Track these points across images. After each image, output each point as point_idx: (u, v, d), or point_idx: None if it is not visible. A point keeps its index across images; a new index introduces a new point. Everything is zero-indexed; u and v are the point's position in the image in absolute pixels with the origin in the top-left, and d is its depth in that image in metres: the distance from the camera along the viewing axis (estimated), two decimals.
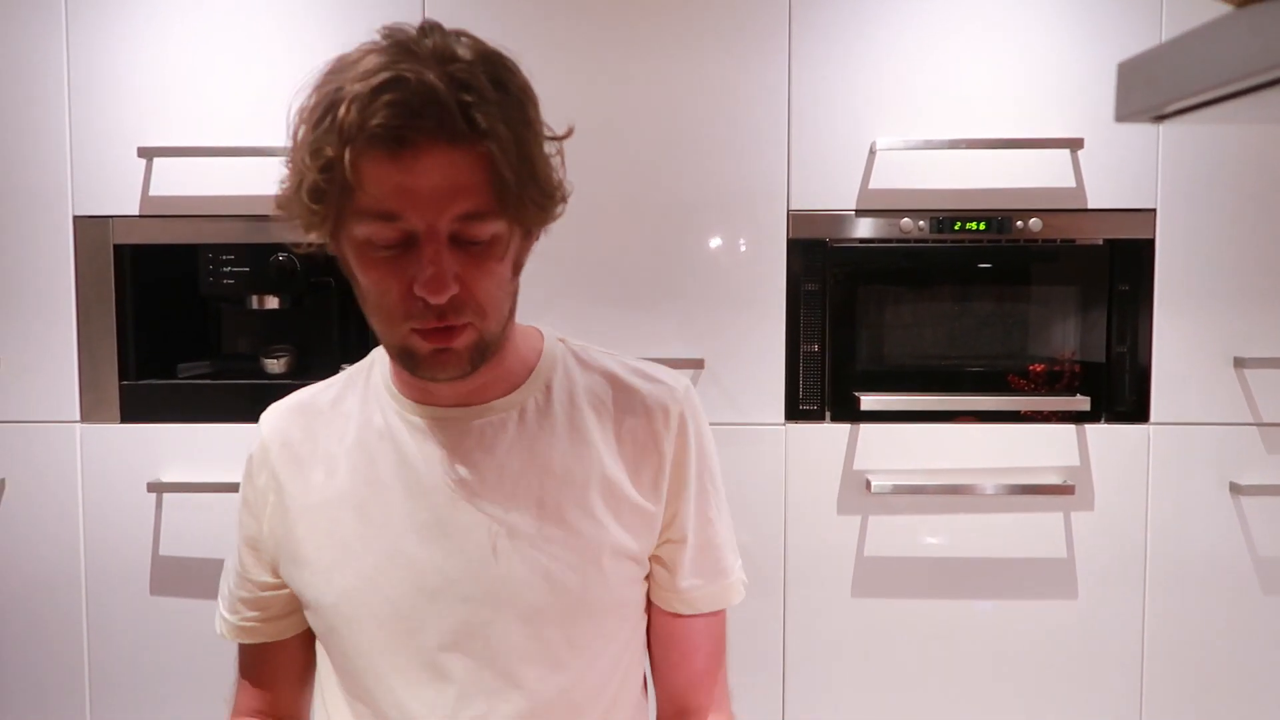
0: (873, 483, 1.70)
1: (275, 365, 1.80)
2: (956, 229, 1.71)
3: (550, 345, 0.92)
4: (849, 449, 1.73)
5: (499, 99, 0.72)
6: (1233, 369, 1.71)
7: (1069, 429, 1.73)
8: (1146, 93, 0.50)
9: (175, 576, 1.75)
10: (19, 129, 1.72)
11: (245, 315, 1.94)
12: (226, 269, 1.74)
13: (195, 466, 1.73)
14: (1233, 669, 1.74)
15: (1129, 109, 0.51)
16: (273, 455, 0.90)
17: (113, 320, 1.74)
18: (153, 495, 1.73)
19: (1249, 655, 1.74)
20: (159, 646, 1.76)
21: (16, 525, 1.75)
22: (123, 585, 1.75)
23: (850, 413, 1.72)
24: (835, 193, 1.72)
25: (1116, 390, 1.73)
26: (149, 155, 1.71)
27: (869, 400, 1.71)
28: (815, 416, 1.74)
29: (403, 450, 0.86)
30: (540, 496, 0.85)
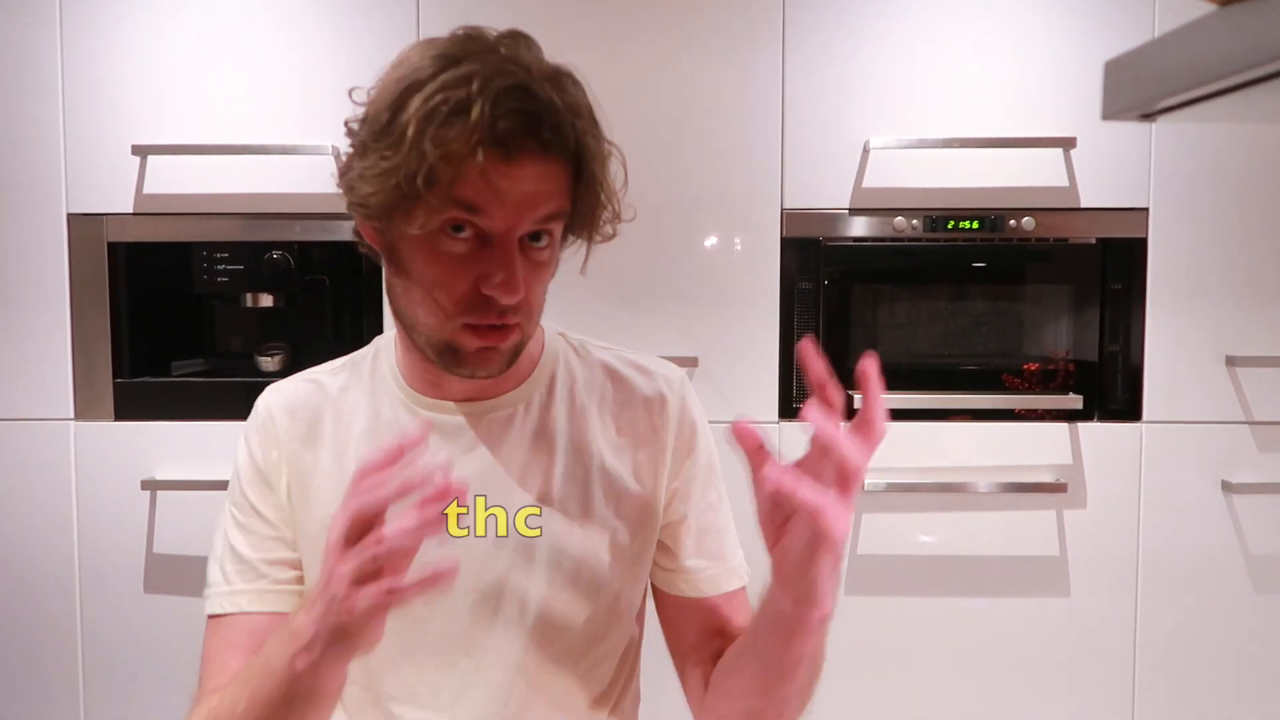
0: (866, 481, 1.70)
1: (269, 363, 1.80)
2: (950, 228, 1.72)
3: (552, 340, 0.94)
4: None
5: (589, 116, 0.78)
6: (1225, 367, 1.71)
7: (1062, 427, 1.73)
8: (1133, 91, 0.51)
9: (169, 574, 1.75)
10: (13, 126, 1.72)
11: (239, 313, 1.94)
12: (221, 267, 1.74)
13: (189, 464, 1.73)
14: (1224, 666, 1.75)
15: (1116, 107, 0.52)
16: (281, 432, 0.90)
17: (107, 318, 1.74)
18: (147, 493, 1.73)
19: (1241, 652, 1.75)
20: (153, 644, 1.76)
21: (10, 523, 1.75)
22: (117, 583, 1.75)
23: (844, 411, 1.72)
24: (829, 191, 1.72)
25: (1109, 389, 1.74)
26: (143, 153, 1.71)
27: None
28: None
29: None
30: (545, 488, 0.87)
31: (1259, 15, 0.42)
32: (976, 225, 1.72)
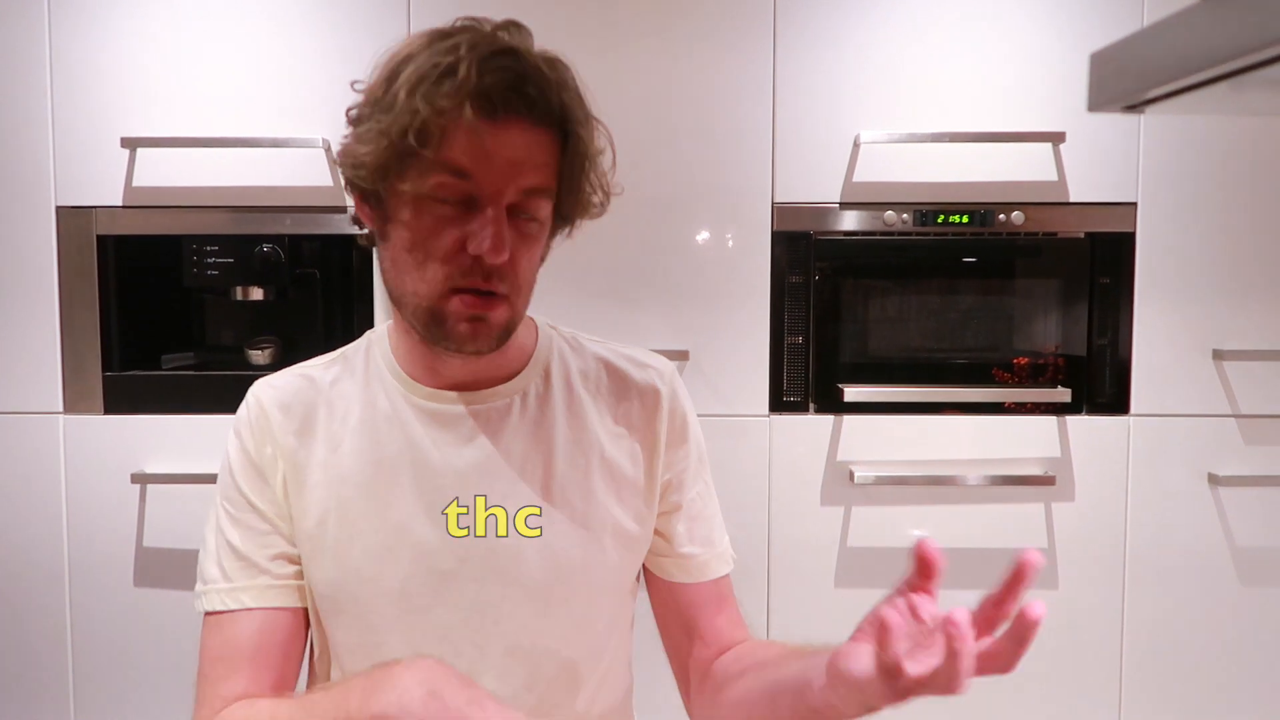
0: (856, 474, 1.71)
1: (260, 356, 1.80)
2: (940, 222, 1.72)
3: (545, 332, 0.96)
4: (832, 440, 1.74)
5: (578, 93, 0.81)
6: (1212, 361, 1.73)
7: (1050, 421, 1.74)
8: (1119, 82, 0.51)
9: (159, 568, 1.74)
10: (2, 120, 1.71)
11: (229, 306, 1.93)
12: (210, 260, 1.73)
13: (179, 458, 1.73)
14: (1210, 657, 1.76)
15: (1102, 98, 0.52)
16: (274, 425, 0.89)
17: (96, 311, 1.73)
18: (136, 486, 1.73)
19: (1226, 643, 1.76)
20: (143, 638, 1.75)
21: (0, 516, 1.75)
22: (106, 577, 1.75)
23: (834, 404, 1.74)
24: (820, 186, 1.73)
25: (1097, 382, 1.75)
26: (132, 145, 1.70)
27: (852, 392, 1.72)
28: (799, 408, 1.75)
29: (409, 433, 0.88)
30: (545, 478, 0.88)
31: (1242, 7, 0.42)
32: (966, 220, 1.73)
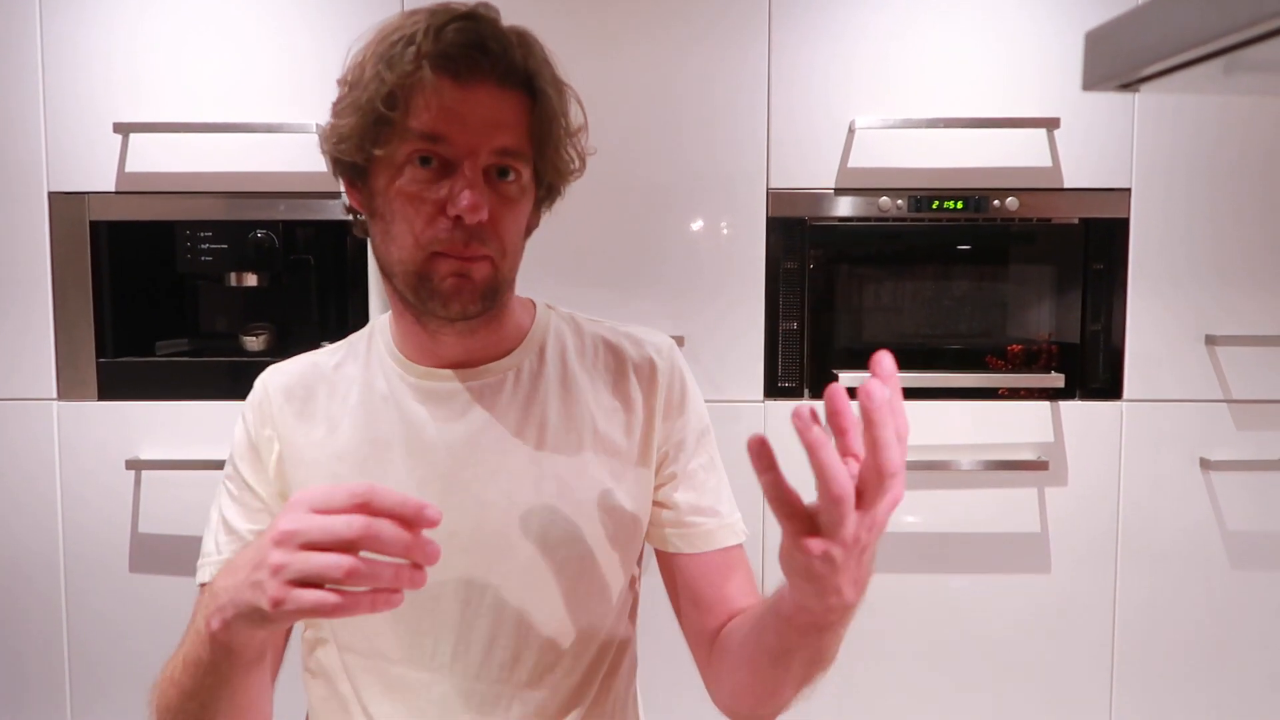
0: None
1: (254, 343, 1.80)
2: (934, 208, 1.73)
3: (542, 311, 0.98)
4: (828, 426, 1.74)
5: (545, 59, 0.83)
6: (1204, 346, 1.73)
7: (1044, 406, 1.75)
8: (1113, 60, 0.51)
9: (154, 554, 1.74)
10: None
11: (224, 293, 1.93)
12: (205, 246, 1.73)
13: (174, 444, 1.72)
14: (1202, 641, 1.78)
15: (1096, 77, 0.52)
16: (275, 408, 0.93)
17: (89, 297, 1.73)
18: (131, 473, 1.73)
19: (1218, 627, 1.77)
20: (138, 624, 1.76)
21: None
22: (101, 563, 1.75)
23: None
24: (814, 171, 1.73)
25: (1090, 367, 1.76)
26: (125, 131, 1.69)
27: (847, 377, 1.72)
28: (794, 393, 1.75)
29: (405, 410, 0.90)
30: (537, 453, 0.89)
31: None
32: (960, 205, 1.73)
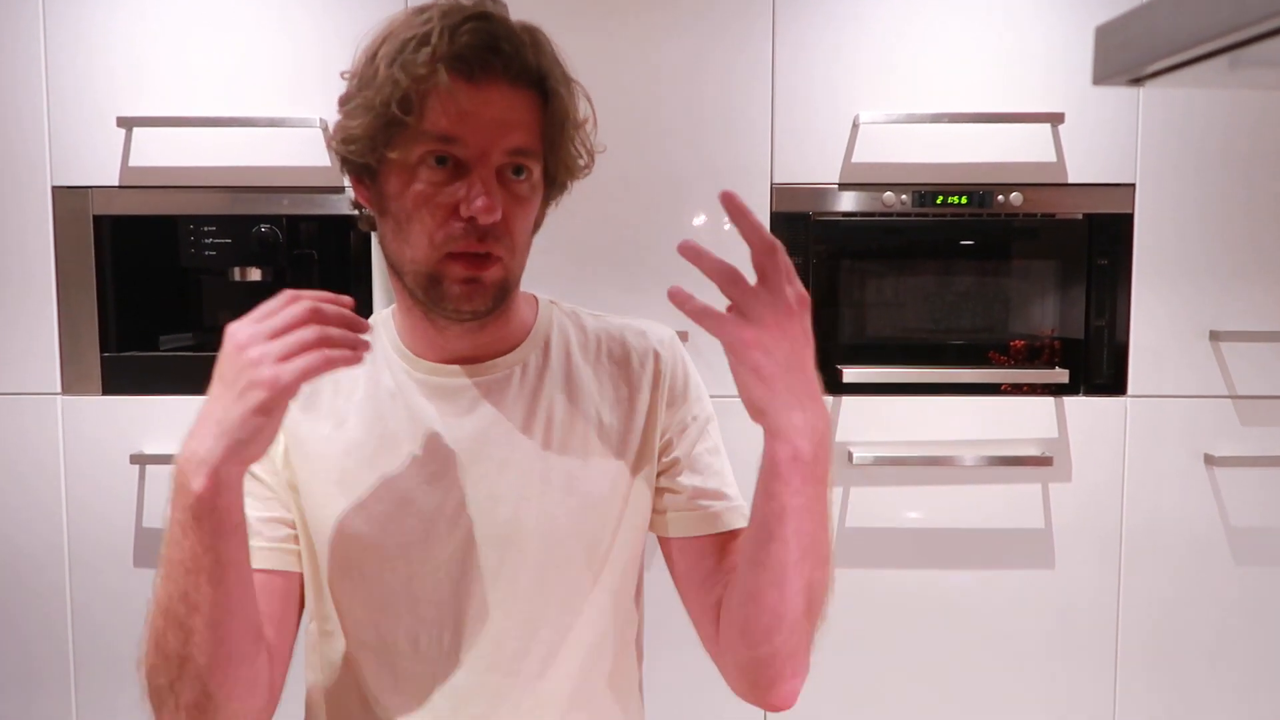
0: (854, 454, 1.72)
1: None
2: (938, 203, 1.72)
3: (545, 307, 0.99)
4: (831, 421, 1.74)
5: (555, 56, 0.84)
6: (1209, 342, 1.73)
7: (1047, 401, 1.75)
8: (1124, 55, 0.51)
9: (158, 548, 1.74)
10: None
11: (227, 287, 1.92)
12: (208, 241, 1.73)
13: (178, 438, 1.71)
14: (1205, 636, 1.78)
15: (1107, 71, 0.52)
16: None
17: (93, 292, 1.73)
18: (135, 467, 1.73)
19: (1221, 624, 1.77)
20: (143, 618, 1.75)
21: None
22: (106, 557, 1.75)
23: (832, 385, 1.74)
24: (818, 166, 1.72)
25: (1094, 363, 1.76)
26: (128, 125, 1.69)
27: (851, 373, 1.72)
28: None
29: (412, 406, 0.91)
30: (544, 447, 0.91)
31: None
32: (965, 201, 1.72)
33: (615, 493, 0.92)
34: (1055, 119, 1.69)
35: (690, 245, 0.76)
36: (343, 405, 0.92)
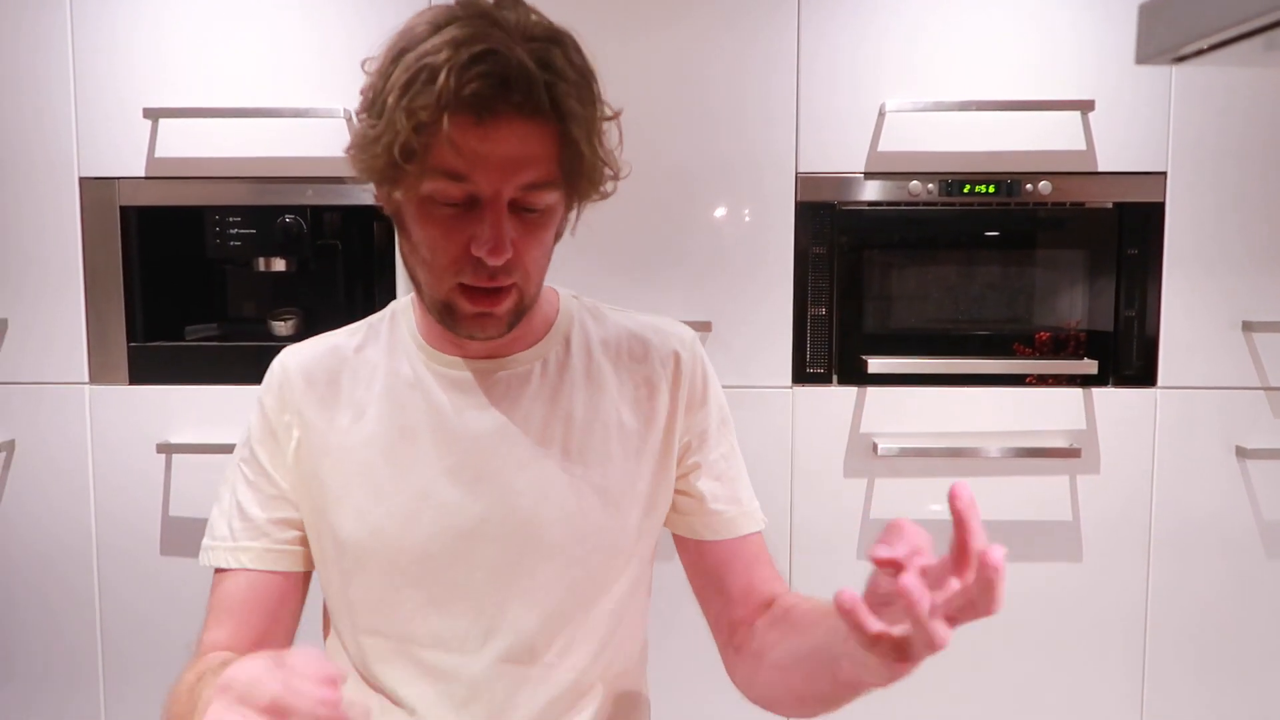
0: (879, 445, 1.71)
1: (282, 327, 1.80)
2: (965, 192, 1.70)
3: (567, 302, 0.98)
4: (856, 412, 1.73)
5: (575, 79, 0.77)
6: (1241, 333, 1.71)
7: (1076, 393, 1.73)
8: (1166, 34, 0.50)
9: (185, 537, 1.76)
10: (24, 89, 1.71)
11: (252, 277, 1.94)
12: (233, 231, 1.74)
13: (203, 428, 1.74)
14: (1236, 632, 1.75)
15: (1149, 51, 0.51)
16: (297, 393, 0.92)
17: (120, 282, 1.74)
18: (162, 456, 1.74)
19: (1252, 618, 1.75)
20: (169, 605, 1.77)
21: (27, 486, 1.77)
22: (133, 545, 1.77)
23: (857, 376, 1.73)
24: (844, 155, 1.71)
25: (1124, 354, 1.73)
26: (154, 116, 1.70)
27: (876, 363, 1.71)
28: (822, 379, 1.74)
29: (432, 399, 0.90)
30: (564, 443, 0.90)
31: None
32: (992, 189, 1.70)
33: (635, 491, 0.92)
34: (1085, 106, 1.67)
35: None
36: (362, 395, 0.92)
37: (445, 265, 0.80)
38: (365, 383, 0.92)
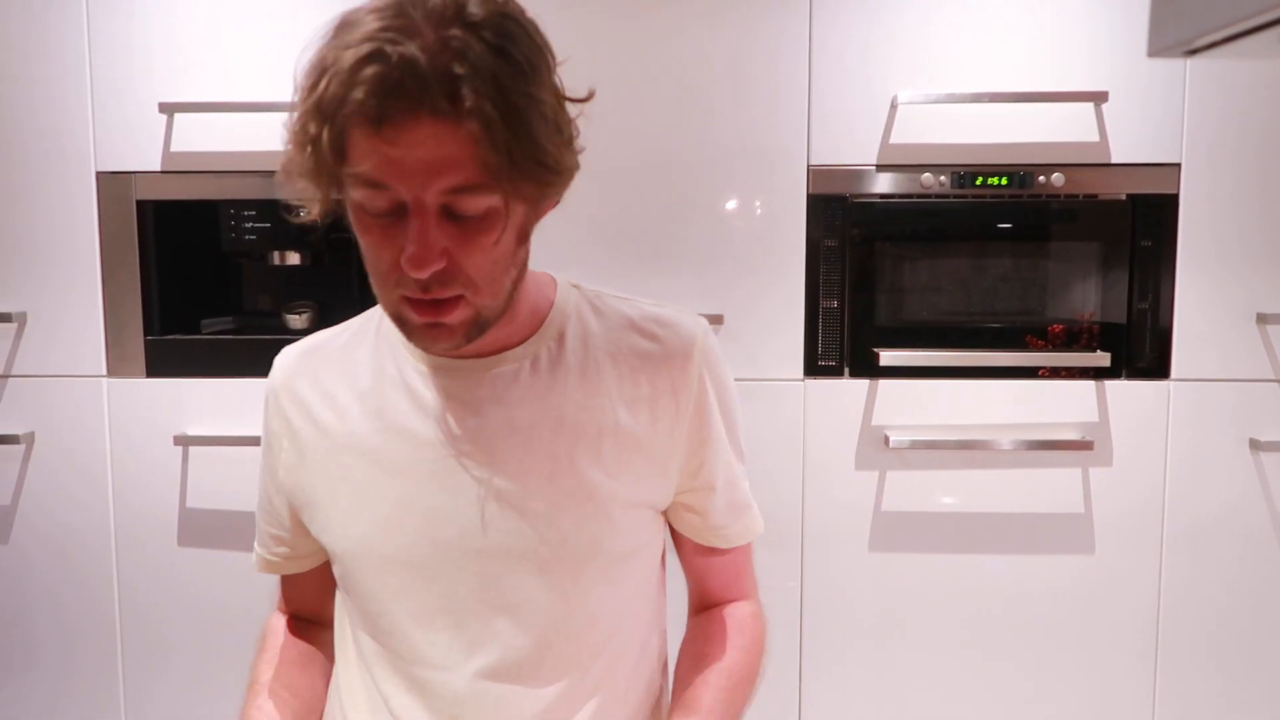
0: (891, 438, 1.71)
1: (297, 321, 1.82)
2: (978, 184, 1.70)
3: (564, 293, 0.91)
4: (867, 404, 1.73)
5: (495, 69, 0.68)
6: (1255, 325, 1.70)
7: (1088, 385, 1.73)
8: (1178, 27, 0.50)
9: (202, 528, 1.78)
10: (41, 84, 1.72)
11: (267, 271, 1.95)
12: (248, 225, 1.75)
13: (220, 420, 1.75)
14: (1249, 625, 1.75)
15: (1162, 43, 0.51)
16: (283, 400, 0.91)
17: (137, 276, 1.76)
18: (179, 448, 1.76)
19: (1265, 611, 1.75)
20: (187, 597, 1.79)
21: (46, 478, 1.79)
22: (151, 537, 1.79)
23: (869, 368, 1.73)
24: (856, 148, 1.71)
25: (1137, 347, 1.73)
26: (170, 111, 1.71)
27: (888, 356, 1.71)
28: (834, 372, 1.74)
29: (416, 398, 0.86)
30: (553, 448, 0.84)
31: None
32: (1005, 181, 1.70)
33: (631, 496, 0.87)
34: (1099, 98, 1.66)
35: None
36: (345, 394, 0.89)
37: (385, 275, 0.75)
38: (349, 381, 0.89)
